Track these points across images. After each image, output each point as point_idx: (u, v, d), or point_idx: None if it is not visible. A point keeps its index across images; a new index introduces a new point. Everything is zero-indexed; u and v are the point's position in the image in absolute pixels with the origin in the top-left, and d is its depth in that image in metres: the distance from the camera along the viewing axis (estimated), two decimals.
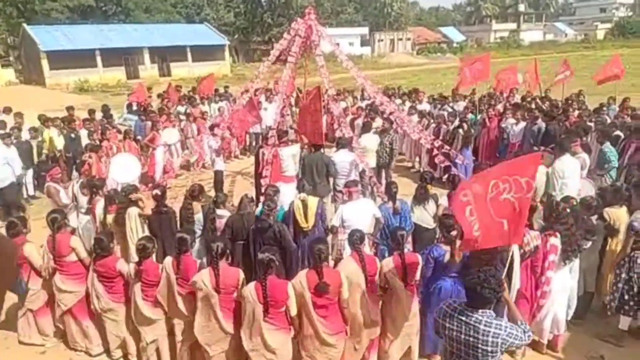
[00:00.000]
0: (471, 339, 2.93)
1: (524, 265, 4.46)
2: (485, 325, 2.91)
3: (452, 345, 3.05)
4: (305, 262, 5.11)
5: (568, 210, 4.52)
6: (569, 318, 4.83)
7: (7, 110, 12.15)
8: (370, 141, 8.77)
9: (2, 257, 0.69)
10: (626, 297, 4.81)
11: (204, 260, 5.18)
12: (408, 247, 5.49)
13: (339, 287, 3.97)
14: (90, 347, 4.96)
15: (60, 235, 4.87)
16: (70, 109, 12.42)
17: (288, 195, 6.24)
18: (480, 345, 2.91)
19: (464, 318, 2.98)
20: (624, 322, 4.93)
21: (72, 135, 10.44)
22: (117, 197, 5.91)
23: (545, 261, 4.36)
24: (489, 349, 2.90)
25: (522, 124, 9.94)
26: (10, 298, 5.43)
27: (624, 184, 5.72)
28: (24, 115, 11.35)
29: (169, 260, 4.37)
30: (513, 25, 71.74)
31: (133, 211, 5.71)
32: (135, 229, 5.66)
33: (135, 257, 4.92)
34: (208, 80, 15.96)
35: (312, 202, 5.40)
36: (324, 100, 13.50)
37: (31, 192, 10.00)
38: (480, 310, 2.96)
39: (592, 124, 9.15)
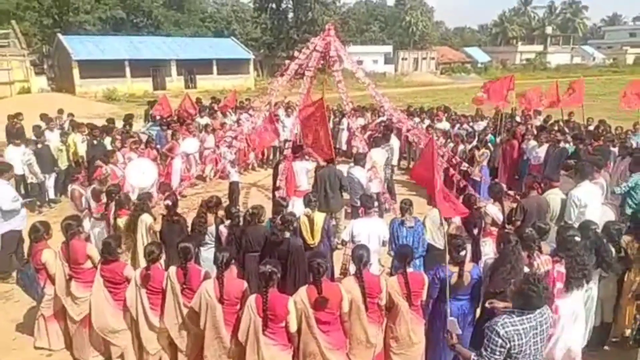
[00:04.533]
0: (541, 336, 3.13)
1: None
2: (543, 316, 3.13)
3: (525, 354, 3.08)
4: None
5: (577, 239, 4.35)
6: (580, 347, 4.62)
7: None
8: (378, 155, 8.70)
9: None
10: None
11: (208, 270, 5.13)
12: (415, 266, 5.37)
13: (340, 300, 3.91)
14: (93, 355, 4.95)
15: (75, 242, 4.89)
16: (110, 121, 12.68)
17: (301, 210, 6.20)
18: (545, 335, 3.17)
19: (532, 323, 3.07)
20: None
21: (95, 142, 10.68)
22: (128, 203, 5.97)
23: (554, 288, 4.21)
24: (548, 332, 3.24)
25: (545, 146, 9.74)
26: (29, 302, 5.55)
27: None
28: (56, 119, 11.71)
29: (173, 270, 4.35)
30: (540, 47, 71.04)
31: (145, 218, 5.75)
32: (146, 236, 5.70)
33: (143, 264, 4.93)
34: (231, 95, 16.33)
35: (319, 217, 5.36)
36: (336, 116, 13.55)
37: (52, 195, 10.24)
38: (543, 308, 3.14)
39: (615, 149, 8.91)
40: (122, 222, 5.78)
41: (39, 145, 9.73)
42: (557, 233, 4.59)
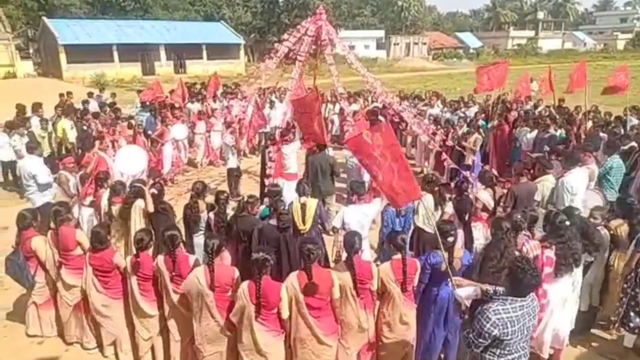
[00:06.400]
0: (532, 322, 3.17)
1: None
2: (534, 302, 3.18)
3: (516, 341, 3.10)
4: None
5: (567, 223, 4.39)
6: (568, 332, 4.70)
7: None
8: None
9: None
10: (631, 314, 4.67)
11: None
12: (411, 253, 5.41)
13: (331, 286, 3.92)
14: (87, 341, 4.95)
15: (65, 229, 4.84)
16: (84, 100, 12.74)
17: (291, 193, 6.20)
18: (535, 322, 3.23)
19: (524, 310, 3.10)
20: (629, 340, 4.79)
21: (85, 128, 10.57)
22: (123, 190, 5.91)
23: (542, 273, 4.26)
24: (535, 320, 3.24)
25: (535, 132, 9.77)
26: (19, 290, 5.51)
27: (629, 197, 5.52)
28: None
29: (161, 258, 4.32)
30: (531, 33, 70.93)
31: (139, 204, 5.71)
32: (139, 222, 5.66)
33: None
34: (213, 80, 16.05)
35: (312, 204, 5.34)
36: (330, 101, 13.53)
37: None
38: (530, 295, 3.16)
39: (605, 135, 8.97)
40: (116, 209, 5.72)
41: (25, 132, 9.61)
42: (545, 219, 4.61)
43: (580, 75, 11.99)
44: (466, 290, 3.81)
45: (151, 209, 5.59)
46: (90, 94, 15.29)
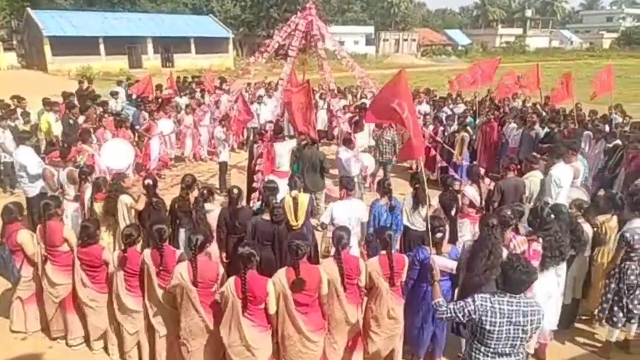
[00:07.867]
0: (526, 324, 3.07)
1: None
2: (531, 306, 3.10)
3: (500, 337, 3.09)
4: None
5: (553, 216, 4.45)
6: (553, 327, 4.76)
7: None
8: (362, 140, 8.73)
9: None
10: (615, 308, 4.75)
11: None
12: (396, 247, 5.43)
13: (319, 282, 3.91)
14: (71, 337, 4.89)
15: (53, 224, 4.77)
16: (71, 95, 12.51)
17: (282, 190, 6.18)
18: (528, 327, 3.08)
19: (513, 307, 3.07)
20: (612, 334, 4.87)
21: (71, 122, 10.39)
22: (105, 185, 5.82)
23: None
24: (535, 326, 3.11)
25: (522, 129, 9.86)
26: (4, 285, 5.41)
27: (618, 193, 5.62)
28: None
29: (148, 252, 4.28)
30: (519, 31, 71.58)
31: (125, 199, 5.64)
32: (127, 217, 5.59)
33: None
34: (210, 77, 16.03)
35: (303, 199, 5.33)
36: (319, 96, 13.51)
37: None
38: (522, 294, 3.12)
39: (589, 132, 9.10)
40: (99, 207, 5.63)
41: (11, 124, 9.43)
42: (531, 214, 4.66)
43: (607, 80, 12.07)
44: (443, 260, 4.07)
45: (140, 207, 5.53)
46: (119, 82, 16.07)
